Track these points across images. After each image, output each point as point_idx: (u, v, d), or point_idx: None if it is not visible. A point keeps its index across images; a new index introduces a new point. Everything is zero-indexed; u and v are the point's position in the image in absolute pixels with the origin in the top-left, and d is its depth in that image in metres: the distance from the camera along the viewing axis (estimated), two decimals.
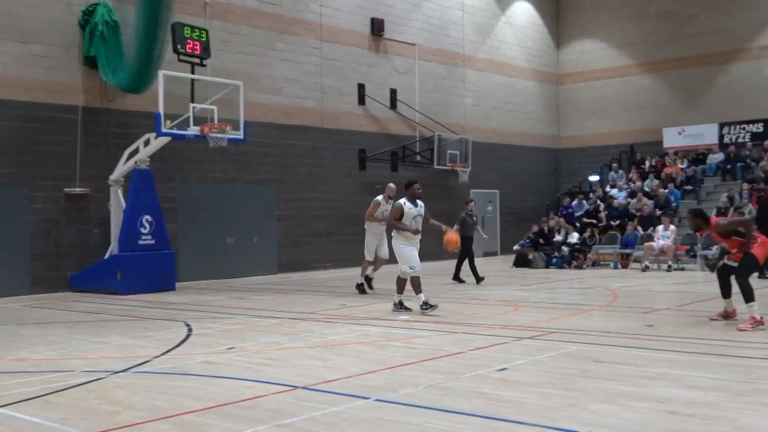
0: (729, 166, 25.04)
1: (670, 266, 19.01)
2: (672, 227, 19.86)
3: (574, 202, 24.48)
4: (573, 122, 30.37)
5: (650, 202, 22.76)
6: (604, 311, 11.53)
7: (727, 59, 26.74)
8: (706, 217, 9.97)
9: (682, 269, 19.21)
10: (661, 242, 19.54)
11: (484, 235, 19.58)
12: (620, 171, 26.98)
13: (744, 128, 26.26)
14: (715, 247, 18.87)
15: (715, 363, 7.30)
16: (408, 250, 11.24)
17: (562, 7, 30.62)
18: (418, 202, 11.45)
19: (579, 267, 20.45)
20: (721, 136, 26.63)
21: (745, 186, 22.19)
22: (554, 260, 20.98)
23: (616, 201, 23.43)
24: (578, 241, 21.49)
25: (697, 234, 19.81)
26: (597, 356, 7.66)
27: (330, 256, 21.85)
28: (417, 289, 11.22)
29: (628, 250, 20.71)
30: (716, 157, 25.71)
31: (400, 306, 11.54)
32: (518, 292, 14.52)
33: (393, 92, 24.00)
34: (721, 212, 20.00)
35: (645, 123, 28.23)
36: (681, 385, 6.30)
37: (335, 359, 7.82)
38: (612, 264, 20.58)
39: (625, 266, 20.35)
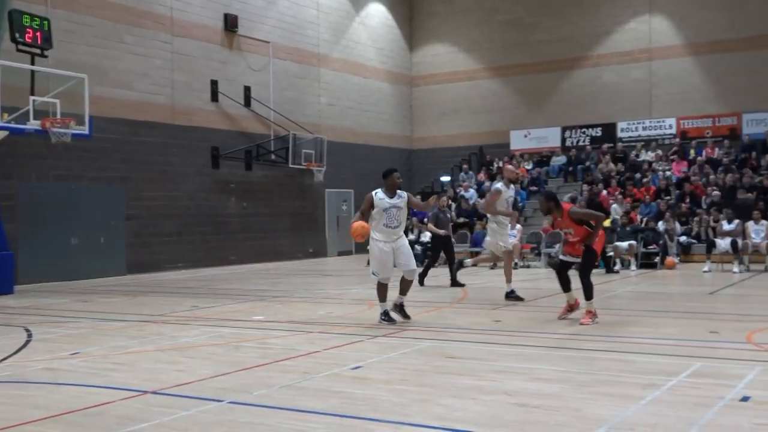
0: (571, 168, 26.36)
1: (516, 264, 19.74)
2: (518, 226, 20.66)
3: None
4: (425, 123, 31.05)
5: None
6: (455, 308, 11.83)
7: (569, 66, 28.13)
8: (558, 201, 9.88)
9: (528, 267, 20.02)
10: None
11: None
12: (470, 172, 27.82)
13: (584, 132, 27.74)
14: (557, 245, 19.78)
15: (558, 356, 7.65)
16: (381, 254, 9.68)
17: (415, 11, 31.22)
18: (398, 192, 9.78)
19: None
20: (563, 140, 28.03)
21: (585, 187, 23.41)
22: None
23: (465, 202, 24.13)
24: (430, 240, 21.91)
25: (542, 232, 20.75)
26: (448, 352, 7.85)
27: (182, 257, 21.31)
28: (380, 295, 10.02)
29: (477, 249, 21.36)
30: (559, 160, 27.01)
31: (386, 317, 10.01)
32: (372, 291, 14.60)
33: (247, 90, 23.70)
34: None
35: (493, 125, 29.25)
36: (528, 377, 6.55)
37: (187, 362, 7.62)
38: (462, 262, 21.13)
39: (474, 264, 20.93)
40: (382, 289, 10.01)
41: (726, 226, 18.11)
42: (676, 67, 26.49)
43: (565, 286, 10.02)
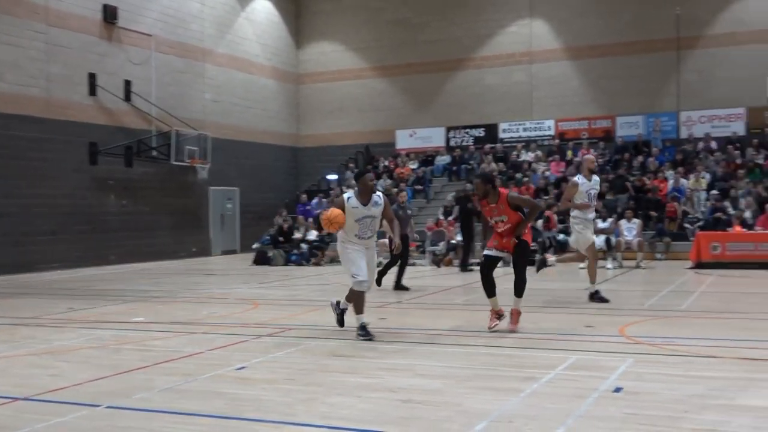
0: (455, 168, 26.87)
1: None
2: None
3: (314, 200, 24.95)
4: (312, 121, 30.95)
5: None
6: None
7: (454, 67, 28.64)
8: (495, 184, 9.02)
9: (413, 264, 20.22)
10: None
11: (415, 235, 17.76)
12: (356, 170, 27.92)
13: (468, 132, 28.32)
14: (441, 243, 20.16)
15: (440, 352, 7.76)
16: (354, 254, 8.46)
17: (302, 8, 31.06)
18: (374, 197, 8.48)
19: (317, 264, 20.88)
20: (447, 139, 28.53)
21: (469, 186, 23.87)
22: (293, 257, 21.24)
23: None
24: (317, 239, 21.92)
25: (426, 230, 21.04)
26: (335, 350, 7.86)
27: (57, 256, 20.45)
28: (356, 305, 8.63)
29: None
30: (443, 159, 27.48)
31: (362, 332, 8.53)
32: (257, 290, 14.52)
33: (127, 84, 22.96)
34: (448, 211, 21.44)
35: (379, 125, 29.46)
36: (412, 374, 6.63)
37: (61, 366, 7.32)
38: None
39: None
40: (359, 299, 8.62)
41: (600, 224, 18.86)
42: (556, 70, 27.40)
43: (490, 289, 8.88)
